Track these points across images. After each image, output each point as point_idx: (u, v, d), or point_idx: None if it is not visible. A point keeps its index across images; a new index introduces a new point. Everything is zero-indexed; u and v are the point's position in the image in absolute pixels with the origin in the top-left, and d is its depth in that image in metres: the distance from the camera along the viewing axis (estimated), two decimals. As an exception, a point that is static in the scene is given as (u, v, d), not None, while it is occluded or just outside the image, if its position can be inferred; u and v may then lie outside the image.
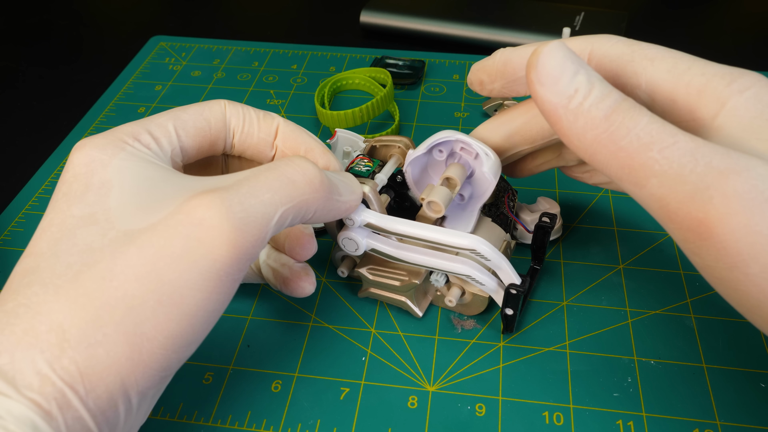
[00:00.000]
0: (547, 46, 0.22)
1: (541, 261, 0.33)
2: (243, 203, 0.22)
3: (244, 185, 0.22)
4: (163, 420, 0.29)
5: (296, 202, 0.23)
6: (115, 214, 0.22)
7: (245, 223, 0.22)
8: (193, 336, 0.22)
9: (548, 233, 0.32)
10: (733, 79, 0.22)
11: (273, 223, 0.23)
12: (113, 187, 0.22)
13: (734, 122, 0.21)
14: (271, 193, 0.23)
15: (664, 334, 0.31)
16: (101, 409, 0.20)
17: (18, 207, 0.40)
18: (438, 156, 0.31)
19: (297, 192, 0.23)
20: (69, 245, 0.21)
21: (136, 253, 0.21)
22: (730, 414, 0.28)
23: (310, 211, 0.24)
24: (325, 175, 0.25)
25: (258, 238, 0.22)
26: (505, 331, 0.31)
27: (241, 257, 0.22)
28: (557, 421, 0.28)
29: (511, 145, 0.30)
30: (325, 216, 0.26)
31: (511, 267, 0.29)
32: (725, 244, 0.19)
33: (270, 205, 0.23)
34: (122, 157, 0.23)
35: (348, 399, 0.29)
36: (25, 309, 0.20)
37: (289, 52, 0.54)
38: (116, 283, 0.20)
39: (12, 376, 0.19)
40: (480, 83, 0.29)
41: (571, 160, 0.32)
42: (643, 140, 0.20)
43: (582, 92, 0.21)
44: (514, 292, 0.29)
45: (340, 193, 0.26)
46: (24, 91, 0.52)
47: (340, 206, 0.26)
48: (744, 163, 0.19)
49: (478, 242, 0.28)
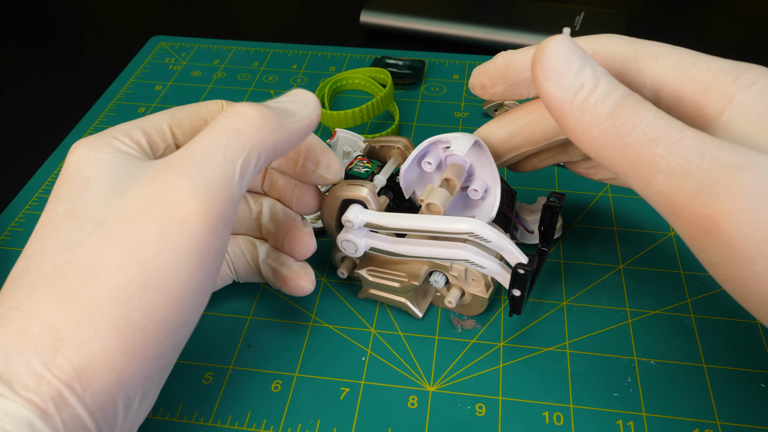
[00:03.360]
0: (553, 41, 0.22)
1: (549, 243, 0.32)
2: (201, 171, 0.22)
3: (197, 153, 0.22)
4: (163, 420, 0.29)
5: (249, 148, 0.23)
6: (90, 207, 0.22)
7: (210, 189, 0.22)
8: (183, 318, 0.22)
9: (557, 213, 0.31)
10: (739, 74, 0.22)
11: (236, 178, 0.22)
12: (92, 181, 0.22)
13: (741, 118, 0.21)
14: (223, 151, 0.22)
15: (664, 334, 0.31)
16: (99, 405, 0.20)
17: (18, 207, 0.40)
18: (428, 168, 0.30)
19: (245, 139, 0.23)
20: (53, 243, 0.21)
21: (114, 244, 0.21)
22: (730, 414, 0.28)
23: (268, 148, 0.24)
24: (266, 107, 0.24)
25: (227, 200, 0.22)
26: (513, 313, 0.30)
27: (216, 225, 0.22)
28: (557, 421, 0.28)
29: (514, 146, 0.29)
30: (289, 143, 0.25)
31: (515, 247, 0.28)
32: (732, 240, 0.19)
33: (226, 163, 0.22)
34: (107, 151, 0.23)
35: (348, 399, 0.29)
36: (17, 311, 0.20)
37: (289, 52, 0.54)
38: (101, 277, 0.20)
39: (7, 377, 0.19)
40: (482, 87, 0.29)
41: (576, 156, 0.31)
42: (649, 136, 0.20)
43: (588, 87, 0.21)
44: (521, 271, 0.28)
45: (292, 114, 0.25)
46: (24, 91, 0.52)
47: (300, 125, 0.25)
48: (751, 159, 0.19)
49: (476, 225, 0.28)
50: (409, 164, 0.30)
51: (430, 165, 0.30)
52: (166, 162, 0.22)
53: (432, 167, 0.30)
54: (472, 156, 0.30)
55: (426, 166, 0.30)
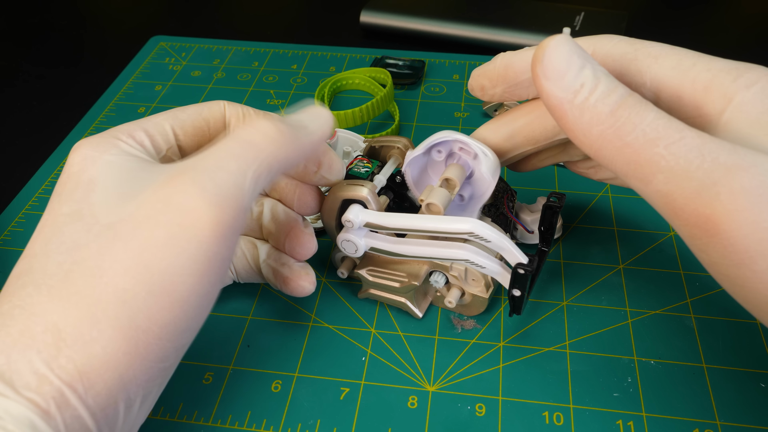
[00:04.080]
0: (553, 40, 0.22)
1: (549, 243, 0.32)
2: (213, 179, 0.22)
3: (210, 161, 0.22)
4: (163, 420, 0.29)
5: (261, 161, 0.23)
6: (97, 209, 0.22)
7: (221, 198, 0.22)
8: (187, 323, 0.22)
9: (557, 213, 0.31)
10: (739, 74, 0.22)
11: (247, 189, 0.23)
12: (98, 183, 0.22)
13: (741, 118, 0.21)
14: (236, 162, 0.23)
15: (664, 334, 0.31)
16: (101, 406, 0.20)
17: (18, 207, 0.40)
18: (437, 156, 0.31)
19: (259, 151, 0.23)
20: (58, 243, 0.21)
21: (121, 247, 0.21)
22: (730, 414, 0.28)
23: (280, 161, 0.24)
24: (282, 121, 0.25)
25: (237, 209, 0.22)
26: (513, 313, 0.30)
27: (225, 233, 0.22)
28: (557, 421, 0.28)
29: (513, 145, 0.29)
30: (302, 155, 0.25)
31: (515, 247, 0.28)
32: (732, 240, 0.19)
33: (238, 173, 0.22)
34: (112, 152, 0.23)
35: (348, 399, 0.29)
36: (20, 310, 0.20)
37: (289, 52, 0.54)
38: (106, 278, 0.20)
39: (9, 376, 0.19)
40: (481, 88, 0.29)
41: (576, 155, 0.31)
42: (649, 136, 0.20)
43: (588, 87, 0.21)
44: (521, 271, 0.28)
45: (306, 127, 0.26)
46: (24, 91, 0.52)
47: (312, 138, 0.26)
48: (751, 159, 0.19)
49: (476, 225, 0.28)
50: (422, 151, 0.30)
51: (440, 153, 0.30)
52: (178, 168, 0.23)
53: (442, 156, 0.30)
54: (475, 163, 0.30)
55: (436, 155, 0.30)
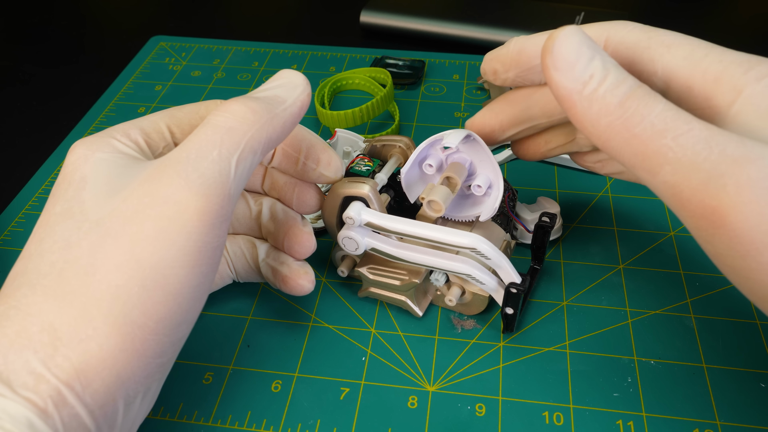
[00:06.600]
0: (563, 31, 0.22)
1: (541, 261, 0.33)
2: (197, 169, 0.22)
3: (192, 151, 0.22)
4: (163, 420, 0.28)
5: (243, 144, 0.23)
6: (87, 206, 0.22)
7: (206, 186, 0.22)
8: (182, 315, 0.22)
9: (548, 233, 0.32)
10: (750, 66, 0.22)
11: (232, 175, 0.23)
12: (89, 181, 0.22)
13: (751, 110, 0.21)
14: (217, 149, 0.23)
15: (664, 334, 0.31)
16: (99, 404, 0.20)
17: (18, 207, 0.40)
18: (428, 170, 0.31)
19: (239, 136, 0.23)
20: (51, 243, 0.21)
21: (112, 243, 0.21)
22: (730, 414, 0.28)
23: (261, 142, 0.24)
24: (254, 99, 0.24)
25: (223, 197, 0.22)
26: (506, 330, 0.31)
27: (213, 222, 0.22)
28: (557, 421, 0.28)
29: (529, 117, 0.29)
30: (283, 131, 0.25)
31: (511, 266, 0.29)
32: (738, 232, 0.19)
33: (221, 160, 0.22)
34: (105, 150, 0.23)
35: (348, 399, 0.29)
36: (16, 311, 0.20)
37: (289, 52, 0.54)
38: (98, 276, 0.20)
39: (7, 376, 0.19)
40: (494, 72, 0.29)
41: (584, 146, 0.31)
42: (657, 127, 0.20)
43: (597, 78, 0.21)
44: (514, 291, 0.29)
45: (282, 101, 0.25)
46: (24, 91, 0.52)
47: (291, 110, 0.25)
48: (759, 152, 0.19)
49: (478, 241, 0.28)
50: (409, 166, 0.30)
51: (431, 167, 0.30)
52: (162, 161, 0.23)
53: (433, 170, 0.30)
54: (471, 153, 0.30)
55: (427, 169, 0.30)
